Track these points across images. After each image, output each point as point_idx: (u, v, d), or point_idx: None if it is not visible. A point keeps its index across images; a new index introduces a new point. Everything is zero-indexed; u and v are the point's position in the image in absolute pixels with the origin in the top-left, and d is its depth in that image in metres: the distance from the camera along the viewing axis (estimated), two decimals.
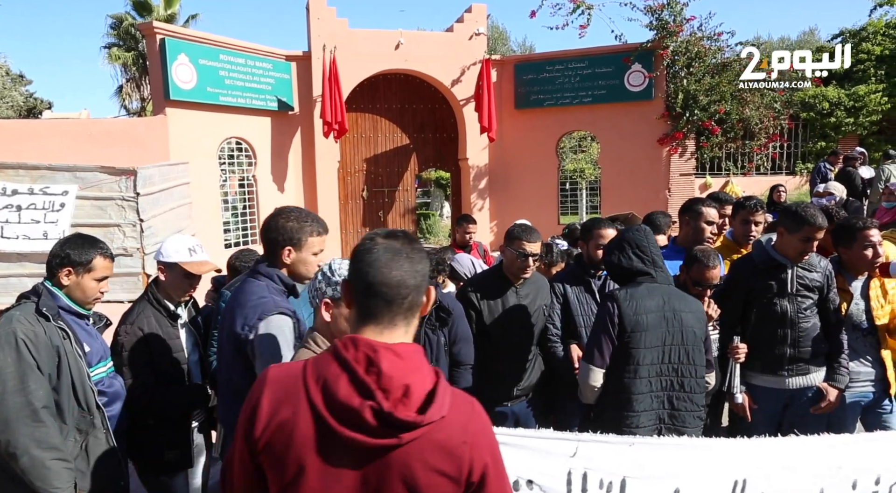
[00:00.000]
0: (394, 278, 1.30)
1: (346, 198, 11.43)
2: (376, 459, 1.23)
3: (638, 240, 2.73)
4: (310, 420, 1.24)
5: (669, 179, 11.04)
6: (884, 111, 13.67)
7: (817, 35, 31.03)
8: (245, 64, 9.81)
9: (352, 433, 1.22)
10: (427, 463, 1.24)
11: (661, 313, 2.58)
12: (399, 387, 1.23)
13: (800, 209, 3.02)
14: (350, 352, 1.26)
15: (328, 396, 1.23)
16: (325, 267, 1.84)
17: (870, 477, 2.40)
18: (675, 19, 10.63)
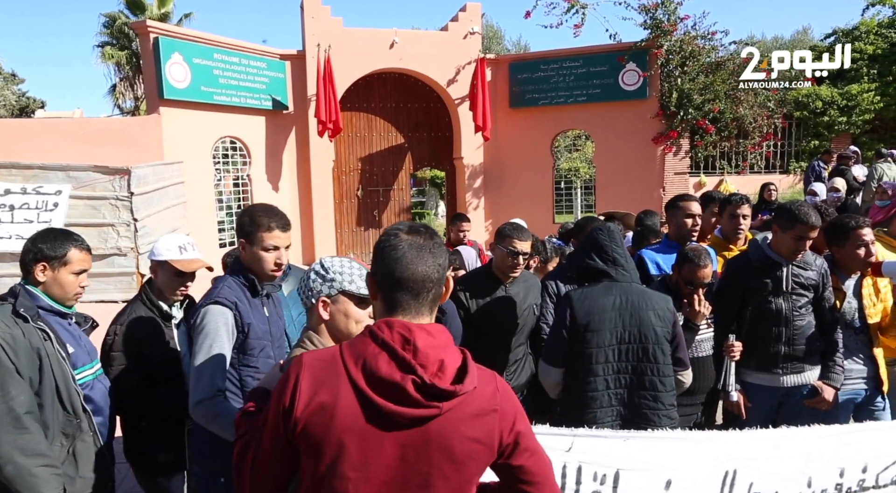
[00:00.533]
0: (420, 273, 1.38)
1: (340, 197, 11.43)
2: (416, 432, 1.31)
3: (599, 239, 2.73)
4: (352, 399, 1.30)
5: (664, 177, 11.08)
6: (876, 110, 13.72)
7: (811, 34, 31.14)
8: (239, 63, 9.79)
9: (396, 407, 1.29)
10: (462, 432, 1.33)
11: (617, 311, 2.58)
12: (435, 362, 1.32)
13: (793, 208, 3.04)
14: (386, 333, 1.33)
15: (369, 374, 1.30)
16: (316, 266, 1.84)
17: (857, 466, 2.44)
18: (669, 18, 10.66)
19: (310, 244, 10.81)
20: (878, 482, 2.50)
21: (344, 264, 1.82)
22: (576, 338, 2.60)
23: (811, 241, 3.05)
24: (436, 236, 1.45)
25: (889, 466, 2.50)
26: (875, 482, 2.50)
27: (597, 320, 2.57)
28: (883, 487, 2.52)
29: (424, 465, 1.32)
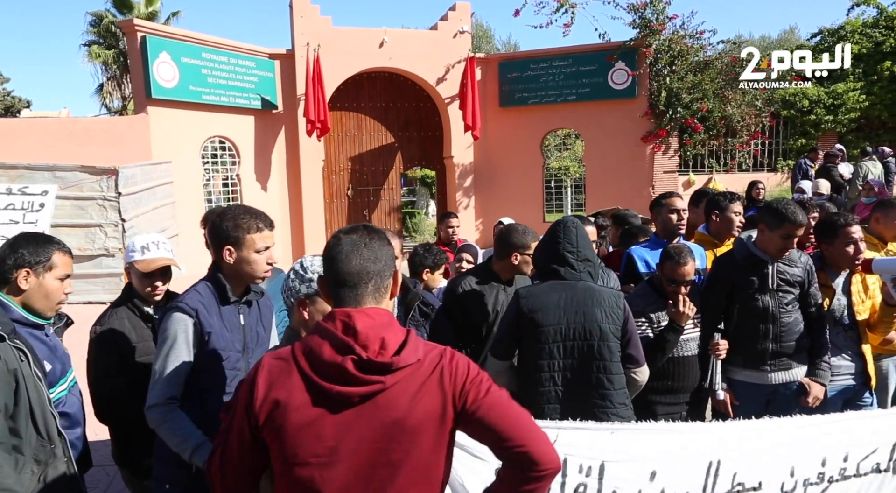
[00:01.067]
0: (355, 266, 1.47)
1: (331, 197, 11.39)
2: (366, 410, 1.38)
3: (555, 236, 2.72)
4: (302, 388, 1.39)
5: (653, 176, 11.13)
6: (862, 109, 13.86)
7: (798, 33, 31.38)
8: (228, 62, 9.73)
9: (341, 387, 1.37)
10: (412, 403, 1.39)
11: (562, 309, 2.57)
12: (375, 340, 1.40)
13: (780, 206, 3.05)
14: (328, 323, 1.43)
15: (315, 361, 1.39)
16: (296, 265, 1.83)
17: (838, 454, 2.47)
18: (657, 18, 10.71)
19: (299, 244, 10.78)
20: (859, 471, 2.54)
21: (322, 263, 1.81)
22: (523, 334, 2.62)
23: (796, 240, 3.06)
24: (375, 232, 1.54)
25: (869, 454, 2.54)
26: (856, 471, 2.53)
27: (541, 317, 2.57)
28: (864, 475, 2.55)
29: (383, 442, 1.39)
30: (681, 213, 3.60)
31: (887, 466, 2.58)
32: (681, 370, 3.07)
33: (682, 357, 3.08)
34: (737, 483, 2.36)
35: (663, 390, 3.02)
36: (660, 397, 3.00)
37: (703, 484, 2.33)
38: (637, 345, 2.70)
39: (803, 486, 2.45)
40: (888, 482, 2.61)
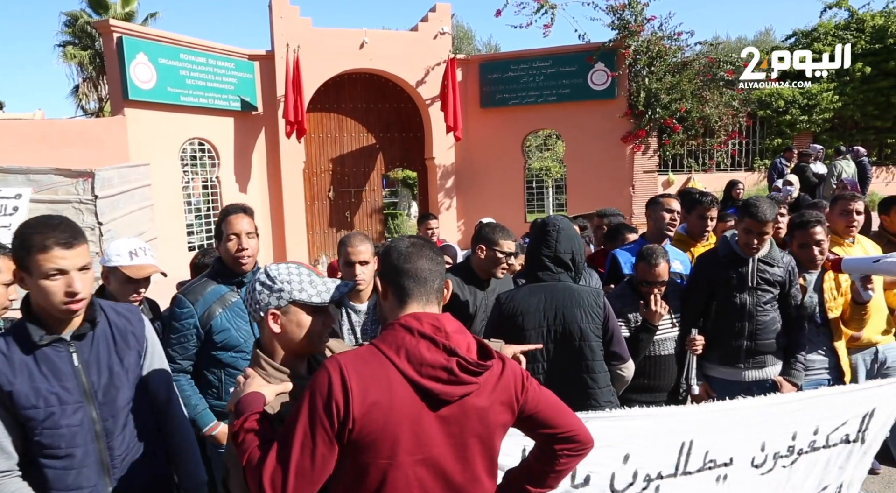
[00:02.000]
0: (422, 265, 1.57)
1: (312, 198, 11.34)
2: (457, 407, 1.48)
3: (534, 238, 2.72)
4: (405, 387, 1.43)
5: (633, 176, 11.23)
6: (835, 109, 14.12)
7: (773, 35, 31.88)
8: (207, 63, 9.64)
9: (447, 387, 1.45)
10: (492, 400, 1.53)
11: (542, 311, 2.57)
12: (463, 344, 1.50)
13: (748, 202, 3.12)
14: (418, 324, 1.48)
15: (416, 362, 1.44)
16: (261, 276, 1.69)
17: (808, 428, 2.54)
18: (636, 19, 10.81)
19: (281, 246, 10.71)
20: (829, 442, 2.61)
21: (292, 271, 1.69)
22: (506, 339, 2.57)
23: (766, 235, 3.10)
24: (434, 246, 1.66)
25: (839, 427, 2.60)
26: (826, 442, 2.60)
27: (521, 321, 2.57)
28: (833, 446, 2.63)
29: (465, 437, 1.49)
30: (675, 214, 3.63)
31: (856, 436, 2.65)
32: (658, 369, 3.11)
33: (660, 356, 3.12)
34: (709, 460, 2.42)
35: (640, 388, 3.05)
36: (637, 396, 3.03)
37: (676, 462, 2.38)
38: (620, 341, 2.71)
39: (774, 459, 2.51)
40: (856, 452, 2.68)
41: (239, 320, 2.76)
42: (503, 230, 3.15)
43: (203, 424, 2.75)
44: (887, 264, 3.06)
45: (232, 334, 2.75)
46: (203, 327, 2.73)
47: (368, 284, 2.92)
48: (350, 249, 2.85)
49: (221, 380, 2.81)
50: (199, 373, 2.82)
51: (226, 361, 2.78)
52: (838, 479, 2.68)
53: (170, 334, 2.76)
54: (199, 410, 2.76)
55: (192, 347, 2.75)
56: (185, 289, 2.83)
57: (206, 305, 2.74)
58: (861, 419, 2.64)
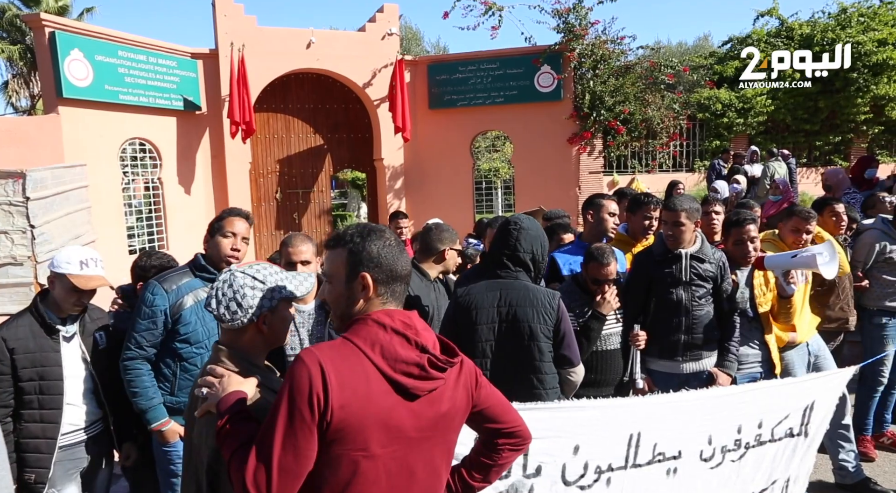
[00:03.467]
0: (405, 262, 1.62)
1: (259, 200, 11.13)
2: (425, 401, 1.54)
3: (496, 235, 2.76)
4: (380, 381, 1.48)
5: (579, 177, 11.46)
6: (768, 113, 14.78)
7: (711, 41, 33.09)
8: (147, 61, 9.34)
9: (419, 383, 1.52)
10: (452, 393, 1.61)
11: (495, 308, 2.60)
12: (430, 341, 1.57)
13: (670, 196, 3.26)
14: (390, 321, 1.53)
15: (391, 357, 1.49)
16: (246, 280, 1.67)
17: (753, 421, 2.65)
18: (580, 23, 11.04)
19: None
20: (774, 436, 2.72)
21: (271, 270, 1.72)
22: (460, 332, 2.65)
23: (681, 226, 3.22)
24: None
25: (782, 420, 2.72)
26: (771, 436, 2.71)
27: (475, 316, 2.61)
28: (778, 440, 2.74)
29: (430, 430, 1.56)
30: (615, 217, 3.71)
31: (800, 430, 2.78)
32: (604, 364, 3.20)
33: (605, 351, 3.21)
34: (658, 453, 2.49)
35: (587, 383, 3.13)
36: (584, 391, 3.10)
37: (626, 454, 2.44)
38: (571, 345, 2.74)
39: (721, 453, 2.61)
40: (801, 445, 2.81)
41: (208, 316, 2.77)
42: (451, 231, 3.18)
43: (154, 418, 2.75)
44: (803, 258, 3.23)
45: (197, 328, 2.77)
46: (172, 315, 2.75)
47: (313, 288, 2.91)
48: (291, 249, 2.86)
49: (176, 374, 2.80)
50: (153, 363, 2.80)
51: (185, 354, 2.80)
52: (786, 473, 2.80)
53: (139, 319, 2.76)
54: (154, 403, 2.76)
55: (159, 334, 2.76)
56: (161, 277, 2.87)
57: (178, 295, 2.77)
58: (803, 412, 2.76)
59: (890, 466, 4.15)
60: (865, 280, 4.31)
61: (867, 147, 15.65)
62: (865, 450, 4.26)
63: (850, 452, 3.82)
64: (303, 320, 2.90)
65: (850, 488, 3.80)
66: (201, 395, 1.58)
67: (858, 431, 4.34)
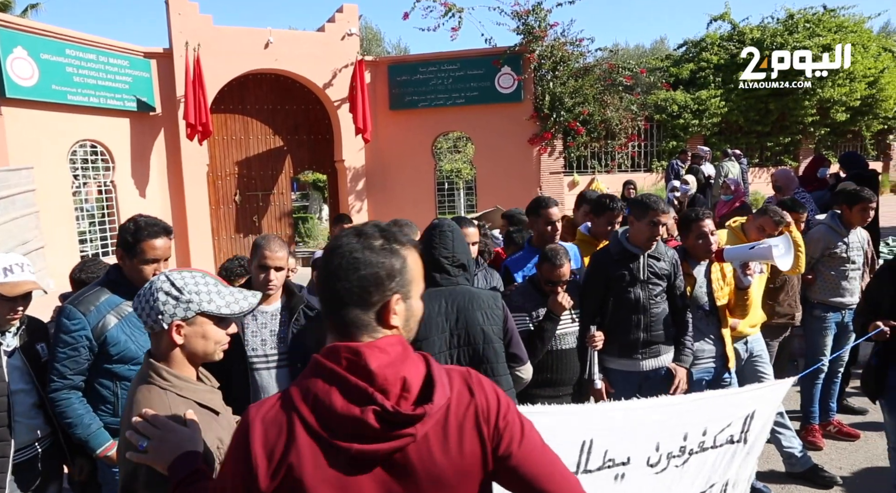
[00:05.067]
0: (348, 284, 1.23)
1: (217, 202, 10.91)
2: (396, 464, 1.15)
3: (430, 241, 2.65)
4: (312, 446, 1.12)
5: (540, 177, 11.59)
6: (722, 114, 15.21)
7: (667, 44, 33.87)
8: (97, 60, 9.06)
9: (364, 446, 1.12)
10: (448, 451, 1.17)
11: (444, 316, 2.54)
12: (395, 382, 1.14)
13: (644, 198, 3.31)
14: (330, 361, 1.16)
15: (324, 413, 1.13)
16: (164, 285, 1.59)
17: (698, 429, 2.72)
18: (539, 25, 11.17)
19: (185, 253, 10.23)
20: (716, 442, 2.80)
21: (198, 280, 1.63)
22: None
23: (664, 226, 3.30)
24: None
25: (724, 428, 2.80)
26: (713, 443, 2.79)
27: (424, 329, 2.49)
28: (719, 446, 2.82)
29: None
30: (556, 225, 3.69)
31: (739, 437, 2.86)
32: (560, 363, 3.21)
33: (561, 350, 3.23)
34: (608, 459, 2.53)
35: (543, 383, 3.14)
36: (540, 391, 3.12)
37: (577, 461, 2.47)
38: (519, 343, 2.74)
39: (667, 459, 2.67)
40: (740, 452, 2.90)
41: (136, 331, 2.62)
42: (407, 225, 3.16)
43: (97, 444, 2.58)
44: (760, 249, 3.32)
45: (129, 345, 2.60)
46: (96, 338, 2.56)
47: (278, 290, 2.86)
48: (268, 252, 2.76)
49: (117, 394, 2.65)
50: (89, 386, 2.64)
51: (122, 374, 2.62)
52: (724, 476, 2.88)
53: (58, 348, 2.57)
54: (93, 430, 2.58)
55: (84, 360, 2.58)
56: (75, 299, 2.64)
57: (99, 315, 2.57)
58: (743, 421, 2.85)
59: (836, 453, 4.30)
60: (810, 274, 4.46)
61: (814, 148, 16.24)
62: (814, 439, 4.40)
63: (792, 438, 3.95)
64: (265, 320, 2.84)
65: (800, 475, 3.92)
66: (139, 446, 1.44)
67: (806, 420, 4.50)
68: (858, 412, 4.87)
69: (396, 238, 1.23)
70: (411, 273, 1.23)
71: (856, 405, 4.92)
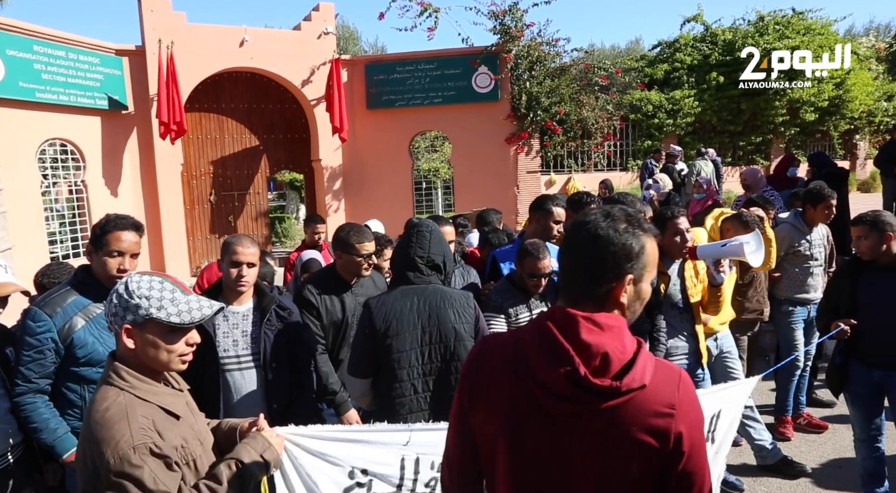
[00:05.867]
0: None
1: (192, 203, 10.77)
2: (577, 425, 1.26)
3: (407, 240, 2.69)
4: (517, 391, 1.30)
5: (517, 176, 11.65)
6: (696, 114, 15.42)
7: (642, 44, 34.29)
8: (67, 57, 8.88)
9: (555, 401, 1.26)
10: (626, 432, 1.24)
11: (416, 314, 2.57)
12: (597, 355, 1.23)
13: (617, 197, 3.36)
14: (546, 322, 1.29)
15: (532, 365, 1.28)
16: (119, 287, 1.59)
17: None
18: (516, 25, 11.23)
19: (158, 254, 10.08)
20: None
21: (154, 285, 1.59)
22: (379, 346, 2.55)
23: None
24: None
25: None
26: None
27: (396, 325, 2.53)
28: None
29: (584, 457, 1.28)
30: (561, 225, 3.73)
31: (707, 436, 2.91)
32: None
33: None
34: None
35: None
36: None
37: None
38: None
39: None
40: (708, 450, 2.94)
41: (105, 334, 2.57)
42: (361, 232, 3.17)
43: (64, 450, 2.52)
44: (732, 247, 3.39)
45: (97, 348, 2.54)
46: (63, 341, 2.50)
47: (250, 287, 2.83)
48: (239, 248, 2.75)
49: (85, 398, 2.59)
50: (56, 390, 2.58)
51: (90, 377, 2.56)
52: None
53: (23, 351, 2.51)
54: (59, 434, 2.52)
55: (51, 364, 2.52)
56: (41, 300, 2.59)
57: (66, 317, 2.52)
58: (710, 420, 2.90)
59: (806, 446, 4.40)
60: (777, 272, 4.58)
61: (785, 147, 16.55)
62: (784, 430, 4.53)
63: (763, 431, 4.04)
64: (237, 321, 2.81)
65: (772, 467, 4.02)
66: None
67: (780, 412, 4.62)
68: (827, 405, 5.01)
69: (640, 224, 1.32)
70: (648, 258, 1.32)
71: (824, 398, 5.04)
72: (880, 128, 17.64)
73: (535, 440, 1.30)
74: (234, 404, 2.75)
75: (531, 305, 3.26)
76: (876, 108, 17.42)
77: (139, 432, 1.49)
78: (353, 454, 2.21)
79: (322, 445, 2.18)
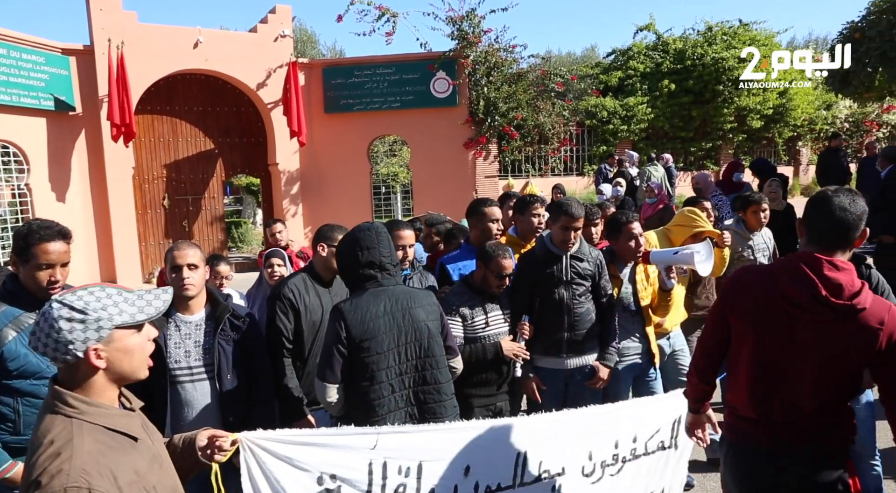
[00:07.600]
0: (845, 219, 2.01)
1: (144, 207, 10.50)
2: (811, 327, 1.97)
3: (364, 242, 2.65)
4: (770, 299, 2.03)
5: (476, 181, 11.74)
6: (649, 120, 15.84)
7: (597, 51, 35.00)
8: (9, 55, 8.57)
9: (797, 311, 1.97)
10: (850, 334, 1.95)
11: (391, 315, 2.58)
12: (831, 286, 1.94)
13: (561, 202, 3.42)
14: (795, 261, 2.01)
15: (780, 285, 2.01)
16: (62, 311, 1.44)
17: (628, 437, 2.83)
18: (473, 30, 11.33)
19: (109, 260, 9.79)
20: (647, 449, 2.91)
21: (99, 295, 1.49)
22: (353, 350, 2.53)
23: (579, 230, 3.41)
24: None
25: (654, 434, 2.92)
26: (645, 450, 2.90)
27: (372, 328, 2.53)
28: (652, 453, 2.93)
29: (815, 348, 1.98)
30: (499, 223, 3.79)
31: (670, 443, 2.98)
32: (496, 363, 3.29)
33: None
34: (543, 471, 2.59)
35: (478, 383, 3.21)
36: (476, 390, 3.19)
37: (513, 474, 2.53)
38: (452, 337, 2.83)
39: (601, 467, 2.75)
40: (672, 457, 3.01)
41: None
42: (341, 230, 3.16)
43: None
44: (683, 255, 3.50)
45: (30, 359, 2.41)
46: None
47: (199, 290, 2.75)
48: (176, 252, 2.70)
49: (19, 412, 2.46)
50: None
51: (24, 389, 2.44)
52: (660, 483, 2.98)
53: None
54: None
55: None
56: None
57: None
58: (671, 426, 2.97)
59: None
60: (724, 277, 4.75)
61: (734, 153, 17.14)
62: None
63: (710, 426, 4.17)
64: (189, 331, 2.73)
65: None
66: None
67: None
68: None
69: (860, 200, 2.03)
70: (862, 225, 2.03)
71: None
72: (820, 135, 18.46)
73: (777, 335, 2.02)
74: (185, 417, 2.67)
75: (487, 308, 3.30)
76: (816, 116, 18.22)
77: (77, 471, 1.37)
78: (321, 458, 2.21)
79: (289, 449, 2.17)
